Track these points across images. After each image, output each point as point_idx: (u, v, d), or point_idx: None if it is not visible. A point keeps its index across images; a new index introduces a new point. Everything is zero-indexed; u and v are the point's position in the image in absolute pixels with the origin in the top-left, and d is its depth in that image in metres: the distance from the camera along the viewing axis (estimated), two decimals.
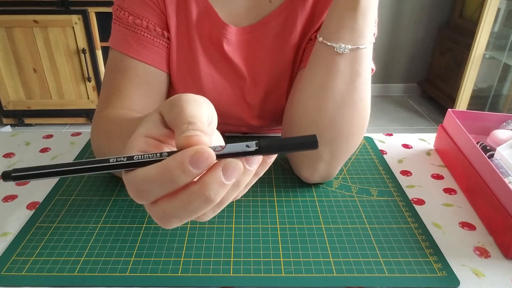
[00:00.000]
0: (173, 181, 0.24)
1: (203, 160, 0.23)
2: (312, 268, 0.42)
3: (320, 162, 0.52)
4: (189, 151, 0.23)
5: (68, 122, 2.42)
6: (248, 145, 0.25)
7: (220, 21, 0.58)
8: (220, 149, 0.25)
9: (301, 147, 0.25)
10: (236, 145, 0.25)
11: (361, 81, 0.48)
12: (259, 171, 0.28)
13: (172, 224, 0.26)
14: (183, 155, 0.23)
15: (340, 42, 0.46)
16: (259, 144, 0.25)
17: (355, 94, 0.48)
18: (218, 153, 0.24)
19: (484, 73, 2.40)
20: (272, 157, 0.27)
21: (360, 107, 0.49)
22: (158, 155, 0.25)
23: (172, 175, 0.23)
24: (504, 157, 0.55)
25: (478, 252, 0.45)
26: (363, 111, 0.50)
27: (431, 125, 2.55)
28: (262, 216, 0.50)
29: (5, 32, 2.12)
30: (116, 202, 0.52)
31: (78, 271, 0.42)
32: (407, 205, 0.52)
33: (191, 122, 0.25)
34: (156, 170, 0.24)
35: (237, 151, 0.25)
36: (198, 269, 0.42)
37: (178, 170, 0.23)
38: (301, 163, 0.54)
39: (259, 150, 0.25)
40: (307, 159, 0.53)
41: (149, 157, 0.25)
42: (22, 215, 0.50)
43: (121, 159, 0.25)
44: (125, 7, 0.56)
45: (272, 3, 0.58)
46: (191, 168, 0.23)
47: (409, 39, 2.85)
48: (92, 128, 0.55)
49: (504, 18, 2.30)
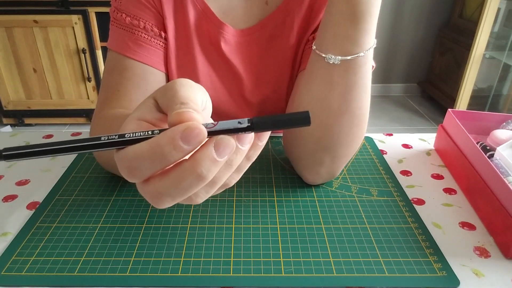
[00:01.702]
0: (164, 157, 0.23)
1: (194, 135, 0.23)
2: (312, 268, 0.42)
3: (321, 166, 0.52)
4: (180, 127, 0.23)
5: (68, 122, 2.42)
6: (240, 122, 0.25)
7: (218, 21, 0.58)
8: (212, 126, 0.24)
9: (293, 123, 0.25)
10: (228, 122, 0.25)
11: (358, 90, 0.46)
12: (251, 155, 0.27)
13: (164, 203, 0.26)
14: (173, 130, 0.23)
15: (330, 52, 0.44)
16: (251, 120, 0.25)
17: (352, 104, 0.47)
18: (209, 129, 0.24)
19: (484, 73, 2.40)
20: (264, 139, 0.27)
21: (358, 115, 0.48)
22: (149, 132, 0.24)
23: (163, 151, 0.23)
24: (504, 157, 0.55)
25: (478, 252, 0.45)
26: (362, 118, 0.48)
27: (431, 125, 2.55)
28: (262, 216, 0.50)
29: (5, 32, 2.12)
30: (116, 202, 0.52)
31: (78, 271, 0.42)
32: (407, 205, 0.52)
33: (184, 102, 0.25)
34: (147, 146, 0.24)
35: (229, 127, 0.25)
36: (198, 269, 0.42)
37: (169, 146, 0.23)
38: (302, 167, 0.54)
39: (251, 126, 0.25)
40: (308, 163, 0.53)
41: (141, 135, 0.24)
42: (22, 215, 0.50)
43: (113, 137, 0.24)
44: (122, 8, 0.56)
45: (268, 5, 0.58)
46: (182, 143, 0.23)
47: (409, 39, 2.85)
48: (91, 128, 0.55)
49: (504, 18, 2.30)
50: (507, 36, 2.30)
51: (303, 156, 0.54)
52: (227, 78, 0.62)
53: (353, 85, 0.45)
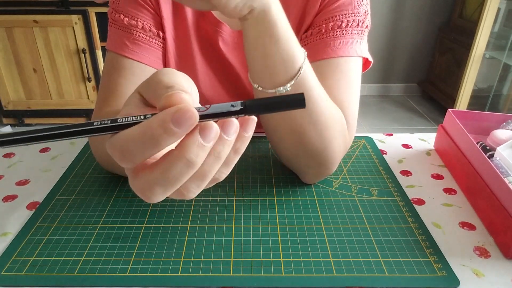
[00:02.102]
0: (155, 140, 0.23)
1: (186, 118, 0.22)
2: (312, 268, 0.42)
3: (308, 168, 0.53)
4: (171, 109, 0.23)
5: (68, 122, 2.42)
6: (233, 105, 0.24)
7: (215, 20, 0.58)
8: (205, 109, 0.24)
9: (287, 106, 0.24)
10: (221, 105, 0.24)
11: (311, 106, 0.45)
12: (238, 147, 0.27)
13: (156, 194, 0.25)
14: (165, 113, 0.23)
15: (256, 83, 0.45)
16: (244, 103, 0.24)
17: (312, 116, 0.46)
18: (202, 113, 0.24)
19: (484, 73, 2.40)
20: (249, 130, 0.26)
21: (324, 120, 0.47)
22: (141, 117, 0.24)
23: (154, 133, 0.23)
24: (504, 157, 0.55)
25: (478, 252, 0.45)
26: (329, 121, 0.48)
27: (431, 125, 2.55)
28: (262, 216, 0.50)
29: (5, 32, 2.12)
30: (116, 202, 0.52)
31: (78, 271, 0.42)
32: (407, 205, 0.52)
33: (170, 86, 0.25)
34: (138, 130, 0.23)
35: (222, 111, 0.24)
36: (198, 269, 0.42)
37: (160, 128, 0.22)
38: (295, 170, 0.55)
39: (244, 109, 0.24)
40: (295, 167, 0.54)
41: (133, 120, 0.24)
42: (22, 215, 0.50)
43: (105, 122, 0.24)
44: (120, 9, 0.56)
45: None
46: (173, 126, 0.22)
47: (409, 39, 2.85)
48: None
49: (504, 18, 2.30)
50: (507, 36, 2.30)
51: (288, 161, 0.54)
52: (226, 77, 0.63)
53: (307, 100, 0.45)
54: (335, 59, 0.53)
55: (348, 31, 0.54)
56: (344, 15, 0.54)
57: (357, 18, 0.54)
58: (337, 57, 0.53)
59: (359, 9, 0.54)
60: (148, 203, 0.52)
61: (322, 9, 0.55)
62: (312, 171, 0.54)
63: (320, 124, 0.47)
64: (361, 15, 0.55)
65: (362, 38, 0.55)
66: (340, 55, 0.53)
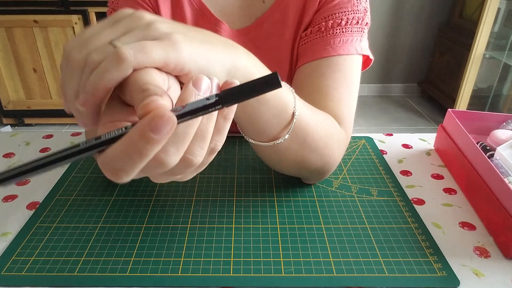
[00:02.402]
0: (140, 152, 0.23)
1: (163, 124, 0.22)
2: (312, 268, 0.42)
3: (311, 177, 0.54)
4: (147, 118, 0.22)
5: (68, 122, 2.42)
6: (208, 98, 0.24)
7: (215, 19, 0.58)
8: (181, 108, 0.24)
9: (263, 89, 0.24)
10: (197, 101, 0.24)
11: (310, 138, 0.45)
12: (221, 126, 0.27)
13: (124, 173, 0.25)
14: (142, 123, 0.22)
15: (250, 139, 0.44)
16: (219, 94, 0.24)
17: (312, 146, 0.46)
18: (178, 113, 0.23)
19: (484, 73, 2.40)
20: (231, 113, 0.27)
21: (324, 144, 0.47)
22: (123, 129, 0.24)
23: (137, 146, 0.22)
24: (504, 157, 0.55)
25: (478, 252, 0.45)
26: (329, 141, 0.48)
27: (431, 125, 2.55)
28: (262, 216, 0.50)
29: (5, 32, 2.12)
30: (116, 202, 0.52)
31: (78, 271, 0.42)
32: (407, 205, 0.52)
33: (145, 88, 0.24)
34: (122, 146, 0.23)
35: (198, 106, 0.24)
36: (198, 269, 0.42)
37: (141, 140, 0.22)
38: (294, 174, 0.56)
39: (219, 100, 0.24)
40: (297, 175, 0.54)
41: (115, 133, 0.24)
42: (22, 215, 0.50)
43: (91, 141, 0.24)
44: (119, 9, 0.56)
45: (265, 3, 0.58)
46: (153, 135, 0.22)
47: (409, 39, 2.85)
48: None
49: (504, 18, 2.30)
50: (507, 36, 2.30)
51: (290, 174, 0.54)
52: None
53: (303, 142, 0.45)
54: (334, 58, 0.53)
55: (348, 29, 0.54)
56: (343, 12, 0.54)
57: (356, 15, 0.54)
58: (337, 55, 0.53)
59: (358, 6, 0.54)
60: (148, 203, 0.52)
61: (321, 7, 0.55)
62: (313, 179, 0.55)
63: (320, 148, 0.47)
64: (361, 12, 0.55)
65: (362, 36, 0.55)
66: (340, 53, 0.53)
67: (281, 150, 0.45)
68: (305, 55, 0.55)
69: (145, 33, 0.28)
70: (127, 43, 0.27)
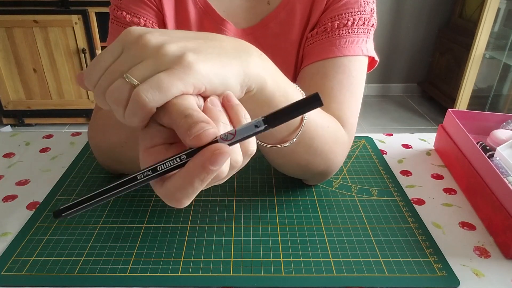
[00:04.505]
0: (201, 181, 0.25)
1: (222, 158, 0.24)
2: (312, 268, 0.42)
3: (313, 179, 0.54)
4: (207, 154, 0.24)
5: (68, 122, 2.42)
6: (257, 125, 0.25)
7: (219, 18, 0.58)
8: (232, 137, 0.25)
9: (306, 109, 0.25)
10: (245, 127, 0.26)
11: (317, 143, 0.45)
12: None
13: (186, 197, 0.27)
14: (202, 158, 0.25)
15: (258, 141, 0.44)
16: (267, 120, 0.25)
17: (317, 150, 0.46)
18: (230, 142, 0.25)
19: (484, 73, 2.40)
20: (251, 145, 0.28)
21: (329, 148, 0.47)
22: (178, 160, 0.26)
23: (199, 176, 0.25)
24: (504, 157, 0.55)
25: (478, 252, 0.45)
26: (333, 145, 0.48)
27: (431, 125, 2.55)
28: (262, 216, 0.50)
29: (5, 32, 2.12)
30: (116, 202, 0.52)
31: (78, 271, 0.42)
32: (407, 205, 0.52)
33: (187, 114, 0.26)
34: (183, 178, 0.25)
35: (248, 134, 0.26)
36: (198, 269, 0.42)
37: (202, 173, 0.25)
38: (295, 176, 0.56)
39: (268, 126, 0.25)
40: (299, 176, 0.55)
41: (171, 165, 0.26)
42: (22, 215, 0.50)
43: (148, 173, 0.26)
44: (123, 7, 0.56)
45: (270, 4, 0.58)
46: (213, 167, 0.24)
47: (409, 39, 2.85)
48: (89, 127, 0.55)
49: (504, 18, 2.30)
50: (507, 36, 2.30)
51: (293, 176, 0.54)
52: None
53: (309, 146, 0.45)
54: (339, 59, 0.52)
55: (354, 29, 0.53)
56: (350, 13, 0.54)
57: (363, 16, 0.54)
58: (342, 56, 0.52)
59: (365, 7, 0.54)
60: (148, 203, 0.52)
61: (329, 7, 0.55)
62: (314, 181, 0.55)
63: (325, 153, 0.47)
64: (367, 13, 0.54)
65: (368, 37, 0.55)
66: (345, 54, 0.52)
67: (287, 153, 0.45)
68: (310, 56, 0.55)
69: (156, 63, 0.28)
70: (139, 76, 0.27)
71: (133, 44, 0.29)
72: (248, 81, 0.33)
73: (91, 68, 0.29)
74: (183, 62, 0.28)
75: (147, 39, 0.29)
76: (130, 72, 0.28)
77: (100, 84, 0.29)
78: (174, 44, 0.29)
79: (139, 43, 0.29)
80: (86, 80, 0.30)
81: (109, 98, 0.28)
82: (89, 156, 0.63)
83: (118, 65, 0.28)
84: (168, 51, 0.28)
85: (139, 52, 0.28)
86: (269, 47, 0.60)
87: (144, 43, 0.28)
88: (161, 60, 0.28)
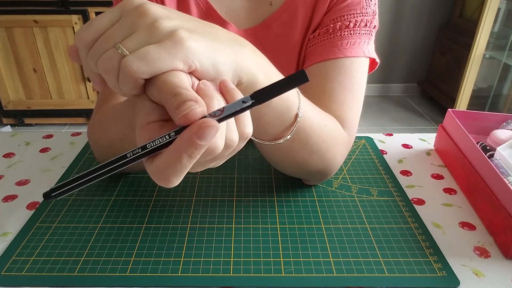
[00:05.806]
0: (190, 157, 0.25)
1: (209, 131, 0.24)
2: (312, 268, 0.42)
3: (312, 179, 0.54)
4: (193, 129, 0.24)
5: (68, 122, 2.42)
6: (244, 100, 0.26)
7: (221, 19, 0.58)
8: (220, 113, 0.26)
9: (293, 85, 0.26)
10: (233, 104, 0.26)
11: (313, 140, 0.45)
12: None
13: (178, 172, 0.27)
14: (189, 133, 0.24)
15: (253, 137, 0.44)
16: (254, 96, 0.26)
17: (314, 148, 0.46)
18: (218, 118, 0.26)
19: (484, 73, 2.40)
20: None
21: (326, 146, 0.47)
22: (166, 137, 0.26)
23: (187, 152, 0.25)
24: (504, 157, 0.55)
25: (478, 252, 0.45)
26: (331, 143, 0.48)
27: (431, 125, 2.55)
28: (262, 216, 0.50)
29: (5, 32, 2.12)
30: (116, 202, 0.52)
31: (78, 271, 0.42)
32: (407, 205, 0.52)
33: (176, 93, 0.26)
34: (171, 155, 0.25)
35: (236, 109, 0.26)
36: (198, 269, 0.42)
37: (190, 147, 0.24)
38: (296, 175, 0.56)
39: (255, 102, 0.26)
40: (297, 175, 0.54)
41: (160, 142, 0.26)
42: (22, 215, 0.50)
43: (137, 151, 0.26)
44: None
45: (272, 5, 0.58)
46: (200, 141, 0.24)
47: (409, 39, 2.85)
48: (89, 125, 0.55)
49: (504, 18, 2.30)
50: (507, 36, 2.30)
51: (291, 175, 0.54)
52: None
53: (305, 144, 0.45)
54: (341, 60, 0.52)
55: (355, 31, 0.53)
56: (352, 14, 0.54)
57: (365, 18, 0.54)
58: (344, 57, 0.52)
59: (367, 9, 0.54)
60: (148, 203, 0.52)
61: (331, 8, 0.55)
62: (314, 180, 0.55)
63: (322, 151, 0.47)
64: (369, 15, 0.55)
65: (369, 39, 0.55)
66: (347, 55, 0.52)
67: (282, 150, 0.45)
68: (312, 57, 0.55)
69: (148, 36, 0.28)
70: (131, 47, 0.27)
71: (132, 12, 0.29)
72: (240, 72, 0.33)
73: (86, 28, 0.29)
74: (175, 37, 0.28)
75: (146, 9, 0.29)
76: (123, 43, 0.28)
77: (93, 50, 0.29)
78: (170, 20, 0.29)
79: (137, 11, 0.29)
80: (77, 38, 0.29)
81: (101, 67, 0.28)
82: (89, 156, 0.63)
83: (113, 32, 0.28)
84: (162, 25, 0.28)
85: (135, 21, 0.28)
86: (270, 48, 0.60)
87: (142, 12, 0.28)
88: (154, 33, 0.28)
